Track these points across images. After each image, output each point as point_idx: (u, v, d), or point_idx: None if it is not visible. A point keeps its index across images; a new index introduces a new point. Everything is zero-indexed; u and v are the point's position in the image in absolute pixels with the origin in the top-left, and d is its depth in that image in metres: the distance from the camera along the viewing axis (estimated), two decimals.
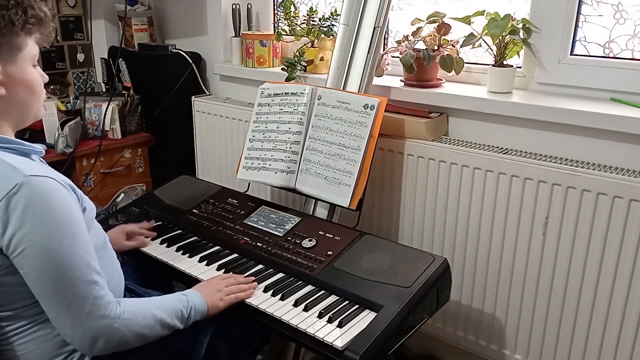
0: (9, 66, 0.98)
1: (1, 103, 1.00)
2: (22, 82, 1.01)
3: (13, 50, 0.98)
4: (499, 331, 1.62)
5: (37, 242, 0.93)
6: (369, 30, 1.62)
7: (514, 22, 1.55)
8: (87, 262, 0.99)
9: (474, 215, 1.57)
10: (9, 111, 1.02)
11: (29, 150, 1.04)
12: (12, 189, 0.92)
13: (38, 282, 0.96)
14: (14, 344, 1.03)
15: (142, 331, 1.05)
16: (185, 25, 2.45)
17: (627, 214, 1.33)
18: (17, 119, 1.05)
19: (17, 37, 0.98)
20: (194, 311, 1.15)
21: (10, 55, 0.98)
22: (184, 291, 1.19)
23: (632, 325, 1.38)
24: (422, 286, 1.20)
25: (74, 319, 0.97)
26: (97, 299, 0.98)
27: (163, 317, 1.08)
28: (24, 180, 0.92)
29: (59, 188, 0.98)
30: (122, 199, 2.22)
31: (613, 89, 1.50)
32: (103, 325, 0.99)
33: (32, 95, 1.04)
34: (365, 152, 1.49)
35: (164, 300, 1.13)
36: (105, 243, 1.17)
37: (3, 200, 0.91)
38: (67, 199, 0.98)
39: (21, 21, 0.97)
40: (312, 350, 1.14)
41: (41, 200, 0.93)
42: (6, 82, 0.98)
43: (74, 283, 0.96)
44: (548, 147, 1.53)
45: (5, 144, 1.00)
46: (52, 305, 0.97)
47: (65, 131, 2.12)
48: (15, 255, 0.94)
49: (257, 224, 1.51)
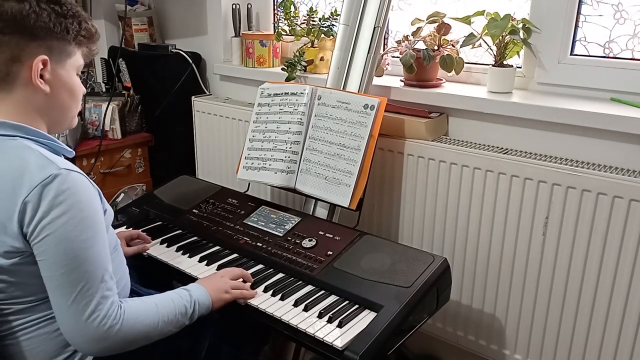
0: (58, 68, 1.04)
1: (44, 101, 1.04)
2: (66, 85, 1.07)
3: (63, 55, 1.05)
4: (499, 331, 1.62)
5: (59, 230, 0.95)
6: (369, 30, 1.62)
7: (514, 22, 1.55)
8: (102, 260, 1.00)
9: (474, 215, 1.57)
10: (49, 111, 1.07)
11: (61, 149, 1.08)
12: (47, 178, 0.95)
13: (51, 271, 0.97)
14: (20, 339, 1.04)
15: (146, 330, 1.05)
16: (185, 25, 2.45)
17: (627, 214, 1.33)
18: (54, 120, 1.09)
19: (69, 45, 1.05)
20: (198, 305, 1.14)
21: (60, 59, 1.04)
22: (187, 286, 1.19)
23: (632, 325, 1.38)
24: (422, 286, 1.20)
25: (76, 316, 0.97)
26: (103, 298, 0.99)
27: (166, 315, 1.08)
28: (59, 172, 0.96)
29: (89, 185, 1.02)
30: (122, 199, 2.22)
31: (613, 89, 1.50)
32: (104, 327, 0.98)
33: (72, 100, 1.10)
34: (365, 152, 1.49)
35: (166, 297, 1.13)
36: (117, 246, 1.19)
37: (37, 187, 0.95)
38: (94, 197, 1.02)
39: (75, 31, 1.05)
40: (312, 350, 1.14)
41: (71, 192, 0.97)
42: (52, 81, 1.04)
43: (85, 277, 0.97)
44: (548, 147, 1.53)
45: (42, 139, 1.04)
46: (60, 297, 0.98)
47: (65, 131, 2.12)
48: (36, 241, 0.96)
49: (257, 224, 1.52)
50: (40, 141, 1.04)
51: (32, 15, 0.98)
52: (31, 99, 1.03)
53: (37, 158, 0.99)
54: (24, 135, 1.02)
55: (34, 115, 1.04)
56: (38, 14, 0.99)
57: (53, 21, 1.01)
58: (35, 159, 0.98)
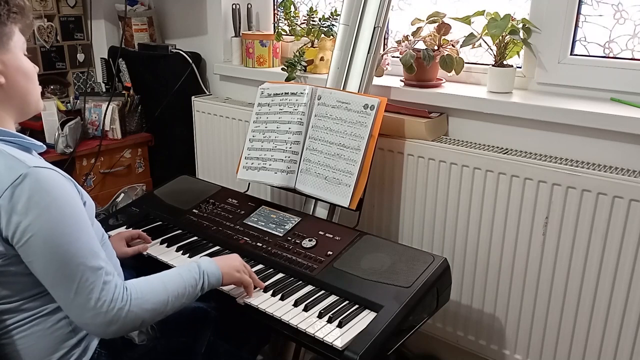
0: (3, 54, 1.01)
1: (1, 93, 1.01)
2: (18, 69, 1.03)
3: (4, 39, 1.01)
4: (499, 331, 1.62)
5: (41, 230, 0.94)
6: (369, 30, 1.62)
7: (514, 22, 1.55)
8: (92, 249, 0.99)
9: (474, 215, 1.57)
10: (10, 101, 1.04)
11: (30, 144, 1.05)
12: (16, 179, 0.93)
13: (45, 271, 0.96)
14: (14, 337, 1.03)
15: (156, 307, 1.04)
16: (185, 25, 2.45)
17: (627, 214, 1.33)
18: (19, 109, 1.06)
19: (5, 27, 1.01)
20: (207, 276, 1.14)
21: (2, 44, 1.00)
22: (196, 258, 1.18)
23: (632, 325, 1.38)
24: (422, 286, 1.20)
25: (82, 306, 0.96)
26: (105, 284, 0.98)
27: (175, 290, 1.07)
28: (28, 171, 0.94)
29: (62, 180, 0.99)
30: (122, 199, 2.21)
31: (613, 89, 1.50)
32: (113, 310, 0.98)
33: (29, 82, 1.06)
34: (365, 152, 1.49)
35: (174, 273, 1.12)
36: (104, 239, 1.17)
37: (8, 190, 0.93)
38: (69, 191, 1.00)
39: (5, 10, 1.00)
40: (312, 350, 1.14)
41: (45, 190, 0.95)
42: (4, 70, 1.01)
43: (80, 270, 0.96)
44: (548, 147, 1.53)
45: (7, 137, 1.01)
46: (61, 292, 0.97)
47: (65, 131, 2.12)
48: (20, 244, 0.94)
49: (257, 224, 1.51)
50: (5, 139, 1.01)
51: None
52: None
53: (5, 158, 0.96)
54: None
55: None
56: None
57: None
58: (2, 160, 0.96)
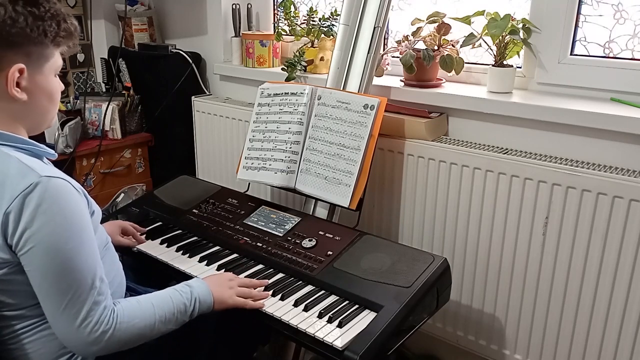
0: (35, 74, 1.01)
1: (22, 108, 1.02)
2: (44, 90, 1.04)
3: (42, 60, 1.01)
4: (499, 331, 1.62)
5: (44, 240, 0.94)
6: (369, 30, 1.62)
7: (514, 22, 1.55)
8: (91, 266, 0.99)
9: (474, 215, 1.57)
10: (27, 116, 1.04)
11: (42, 152, 1.06)
12: (27, 187, 0.93)
13: (40, 281, 0.96)
14: (22, 342, 1.03)
15: (142, 332, 1.05)
16: (185, 25, 2.45)
17: (627, 214, 1.33)
18: (34, 124, 1.07)
19: (47, 49, 1.01)
20: (199, 303, 1.13)
21: (38, 64, 1.01)
22: (189, 281, 1.18)
23: (632, 325, 1.38)
24: (422, 286, 1.20)
25: (68, 322, 0.97)
26: (95, 304, 0.98)
27: (163, 315, 1.07)
28: (40, 180, 0.94)
29: (72, 191, 0.99)
30: (122, 199, 2.22)
31: (613, 89, 1.50)
32: (96, 333, 0.98)
33: (50, 103, 1.07)
34: (365, 152, 1.49)
35: (164, 296, 1.11)
36: (107, 244, 1.18)
37: (18, 198, 0.93)
38: (78, 202, 1.00)
39: (53, 33, 1.00)
40: (312, 350, 1.15)
41: (53, 200, 0.95)
42: (30, 88, 1.01)
43: (74, 286, 0.97)
44: (548, 147, 1.53)
45: (21, 144, 1.02)
46: (51, 305, 0.97)
47: (65, 131, 2.12)
48: (23, 252, 0.94)
49: (257, 224, 1.51)
50: (19, 147, 1.01)
51: (7, 21, 0.93)
52: (7, 107, 1.00)
53: (17, 166, 0.96)
54: (2, 142, 0.99)
55: (11, 121, 1.02)
56: (14, 19, 0.94)
57: (30, 25, 0.96)
58: (15, 168, 0.96)
